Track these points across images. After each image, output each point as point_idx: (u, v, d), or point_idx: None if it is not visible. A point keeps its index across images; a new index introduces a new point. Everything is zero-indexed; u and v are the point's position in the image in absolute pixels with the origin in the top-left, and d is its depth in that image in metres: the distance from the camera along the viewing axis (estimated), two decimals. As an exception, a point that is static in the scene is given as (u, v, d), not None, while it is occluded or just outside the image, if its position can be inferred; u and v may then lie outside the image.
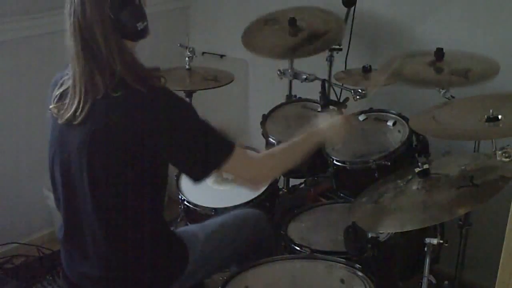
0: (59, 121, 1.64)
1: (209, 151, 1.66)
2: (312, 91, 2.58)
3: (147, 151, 1.60)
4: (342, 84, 2.51)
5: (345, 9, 2.51)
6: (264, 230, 2.05)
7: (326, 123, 1.94)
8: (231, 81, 2.68)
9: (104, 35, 1.57)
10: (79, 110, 1.60)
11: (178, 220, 2.55)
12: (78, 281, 1.79)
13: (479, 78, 2.04)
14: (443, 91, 2.10)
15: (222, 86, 2.64)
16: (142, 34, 1.65)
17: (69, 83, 1.63)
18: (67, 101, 1.63)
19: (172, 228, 1.92)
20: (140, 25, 1.62)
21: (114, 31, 1.58)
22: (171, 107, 1.62)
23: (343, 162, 2.26)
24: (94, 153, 1.61)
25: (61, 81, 1.68)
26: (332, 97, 2.57)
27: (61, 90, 1.67)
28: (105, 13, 1.56)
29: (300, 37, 2.63)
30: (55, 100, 1.67)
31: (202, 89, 2.64)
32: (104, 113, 1.60)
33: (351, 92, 2.43)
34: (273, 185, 2.30)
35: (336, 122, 1.95)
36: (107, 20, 1.57)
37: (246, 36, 2.67)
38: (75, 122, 1.61)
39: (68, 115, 1.62)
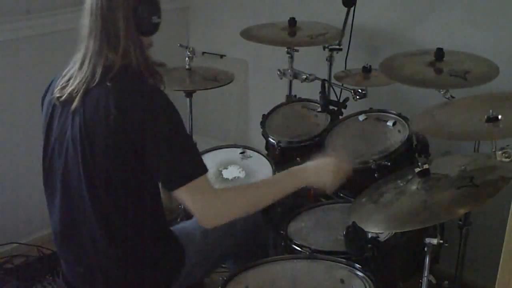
0: (61, 99, 1.65)
1: (185, 163, 1.62)
2: (312, 91, 2.58)
3: (135, 148, 1.58)
4: (342, 84, 2.51)
5: (345, 9, 2.52)
6: (257, 223, 2.04)
7: (316, 163, 1.79)
8: (231, 81, 2.69)
9: (126, 19, 1.60)
10: (76, 91, 1.61)
11: (178, 220, 2.55)
12: (77, 282, 1.79)
13: (478, 80, 2.05)
14: (443, 91, 2.10)
15: (222, 86, 2.64)
16: (154, 28, 1.67)
17: (75, 65, 1.65)
18: (71, 80, 1.65)
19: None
20: (155, 19, 1.66)
21: (133, 19, 1.61)
22: (163, 110, 1.61)
23: (343, 162, 2.25)
24: (86, 147, 1.60)
25: (65, 71, 1.69)
26: (332, 97, 2.57)
27: (67, 76, 1.68)
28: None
29: (299, 36, 2.66)
30: (61, 84, 1.68)
31: (202, 89, 2.64)
32: (95, 105, 1.59)
33: (351, 92, 2.43)
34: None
35: (328, 165, 1.79)
36: (131, 6, 1.60)
37: (246, 31, 2.70)
38: (71, 109, 1.61)
39: (68, 91, 1.63)
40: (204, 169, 1.63)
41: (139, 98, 1.59)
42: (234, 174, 2.38)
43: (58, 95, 1.67)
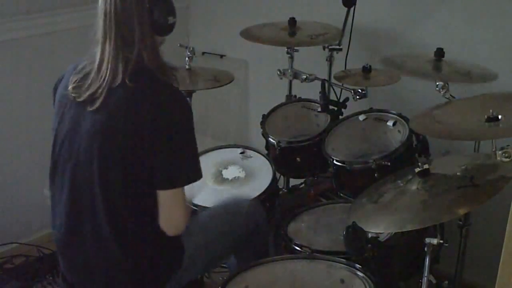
0: (78, 99, 1.66)
1: (186, 166, 1.68)
2: (312, 91, 2.58)
3: (149, 145, 1.61)
4: (342, 84, 2.51)
5: (345, 9, 2.52)
6: (258, 214, 2.05)
7: None
8: (231, 81, 2.68)
9: (141, 23, 1.62)
10: (99, 92, 1.62)
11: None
12: (76, 280, 1.79)
13: (481, 79, 2.05)
14: (443, 91, 2.10)
15: (222, 86, 2.64)
16: (169, 29, 1.70)
17: (91, 66, 1.66)
18: (88, 81, 1.66)
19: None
20: (170, 20, 1.68)
21: (148, 21, 1.63)
22: (178, 110, 1.65)
23: (343, 162, 2.26)
24: (105, 142, 1.63)
25: (79, 67, 1.70)
26: (332, 97, 2.57)
27: (81, 74, 1.68)
28: (144, 1, 1.62)
29: (299, 36, 2.66)
30: (75, 81, 1.68)
31: (202, 89, 2.65)
32: (118, 103, 1.62)
33: (351, 92, 2.43)
34: (273, 185, 2.30)
35: None
36: (145, 8, 1.62)
37: (246, 31, 2.71)
38: (92, 108, 1.63)
39: (87, 94, 1.64)
40: (199, 174, 1.69)
41: (161, 96, 1.64)
42: (234, 174, 2.38)
43: (73, 94, 1.68)
